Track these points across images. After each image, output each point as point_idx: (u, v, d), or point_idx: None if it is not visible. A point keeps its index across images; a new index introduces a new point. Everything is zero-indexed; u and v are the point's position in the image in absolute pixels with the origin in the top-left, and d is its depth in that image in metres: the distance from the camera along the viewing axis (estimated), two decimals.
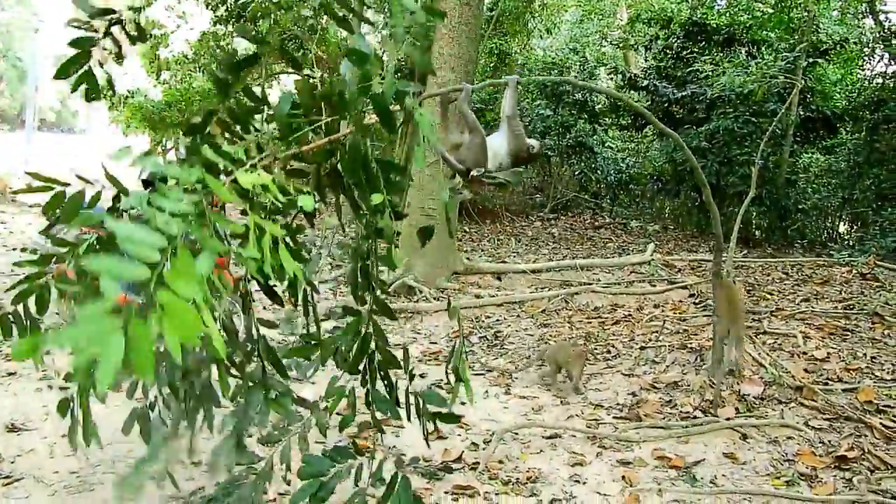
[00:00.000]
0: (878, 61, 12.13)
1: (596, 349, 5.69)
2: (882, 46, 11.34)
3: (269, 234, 1.48)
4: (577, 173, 14.18)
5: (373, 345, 2.31)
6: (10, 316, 2.26)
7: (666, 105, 12.34)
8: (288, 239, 1.69)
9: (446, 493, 3.21)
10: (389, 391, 2.37)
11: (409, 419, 2.41)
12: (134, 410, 2.48)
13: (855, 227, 11.54)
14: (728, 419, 4.21)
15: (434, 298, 7.17)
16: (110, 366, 0.98)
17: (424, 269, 7.50)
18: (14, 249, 8.54)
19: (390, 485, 2.19)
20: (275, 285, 2.02)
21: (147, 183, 6.91)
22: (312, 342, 2.34)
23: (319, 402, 2.44)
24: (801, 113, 11.11)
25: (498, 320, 6.68)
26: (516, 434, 4.04)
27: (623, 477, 3.52)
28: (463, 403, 3.68)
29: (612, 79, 14.63)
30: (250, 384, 2.23)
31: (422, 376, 4.90)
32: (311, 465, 2.25)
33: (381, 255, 2.23)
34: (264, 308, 4.19)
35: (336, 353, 2.33)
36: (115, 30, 2.17)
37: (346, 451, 2.30)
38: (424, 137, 1.83)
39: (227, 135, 1.90)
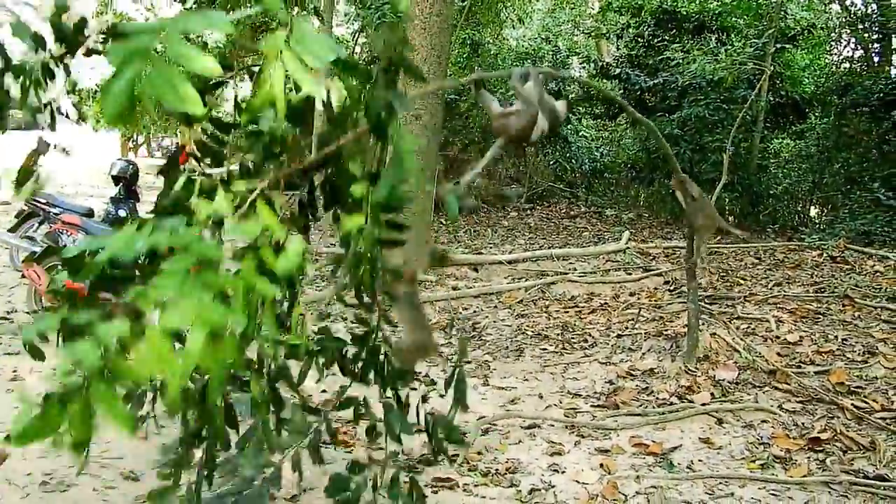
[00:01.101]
0: (845, 46, 12.31)
1: (573, 339, 5.72)
2: (849, 31, 11.49)
3: (258, 295, 1.44)
4: (552, 163, 14.22)
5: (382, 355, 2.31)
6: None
7: (638, 93, 12.40)
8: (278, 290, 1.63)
9: (426, 485, 3.21)
10: (398, 405, 2.37)
11: (427, 436, 2.47)
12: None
13: (825, 211, 11.70)
14: (704, 404, 4.26)
15: None
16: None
17: (400, 261, 7.47)
18: None
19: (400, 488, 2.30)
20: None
21: (117, 179, 6.82)
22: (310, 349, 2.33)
23: (328, 410, 2.46)
24: (771, 99, 11.22)
25: (475, 311, 6.69)
26: (495, 425, 4.06)
27: (601, 465, 3.55)
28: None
29: (584, 68, 14.67)
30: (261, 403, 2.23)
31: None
32: (339, 482, 2.31)
33: (390, 268, 2.12)
34: None
35: (343, 359, 2.32)
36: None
37: (361, 465, 2.36)
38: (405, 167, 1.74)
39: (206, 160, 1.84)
